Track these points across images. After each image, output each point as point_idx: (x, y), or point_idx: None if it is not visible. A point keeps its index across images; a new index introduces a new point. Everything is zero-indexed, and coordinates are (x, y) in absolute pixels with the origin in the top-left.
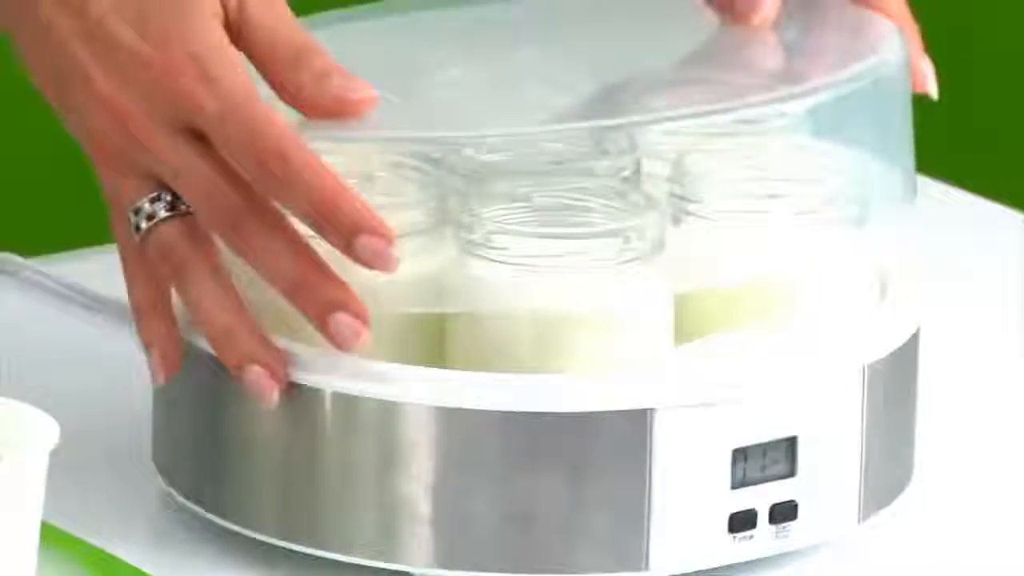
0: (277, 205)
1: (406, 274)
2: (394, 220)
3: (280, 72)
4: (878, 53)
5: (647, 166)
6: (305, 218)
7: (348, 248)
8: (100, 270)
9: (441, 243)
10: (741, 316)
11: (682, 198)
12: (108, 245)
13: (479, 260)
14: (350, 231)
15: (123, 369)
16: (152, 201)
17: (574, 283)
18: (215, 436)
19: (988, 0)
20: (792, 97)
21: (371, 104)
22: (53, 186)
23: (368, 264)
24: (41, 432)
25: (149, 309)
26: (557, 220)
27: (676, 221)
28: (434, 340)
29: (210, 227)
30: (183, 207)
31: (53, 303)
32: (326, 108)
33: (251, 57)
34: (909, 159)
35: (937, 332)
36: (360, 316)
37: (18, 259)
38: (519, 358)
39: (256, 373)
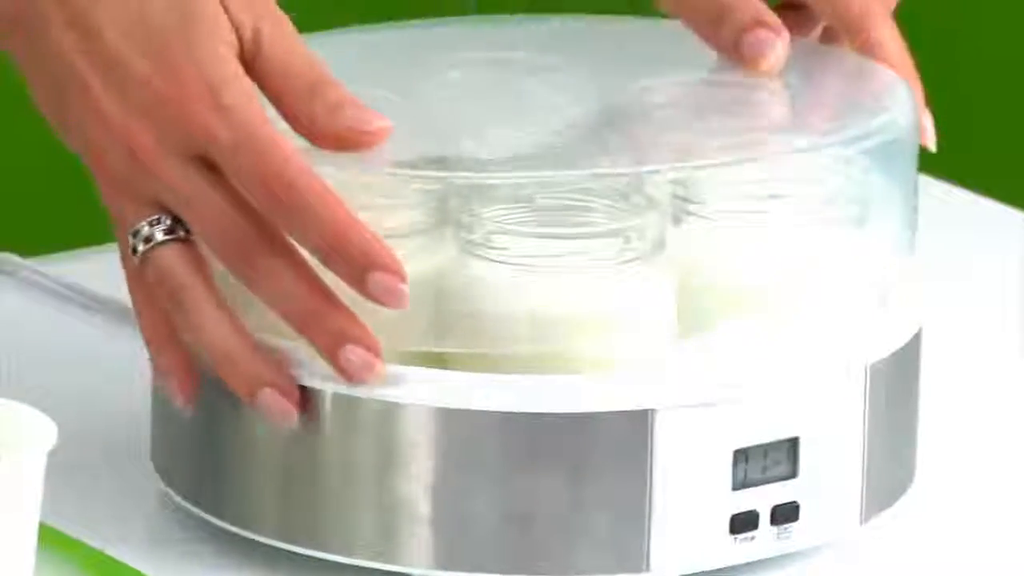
0: (288, 237)
1: (407, 274)
2: (394, 220)
3: (294, 103)
4: (888, 111)
5: (648, 164)
6: (315, 251)
7: (359, 283)
8: (99, 270)
9: (441, 243)
10: (742, 316)
11: (683, 198)
12: (108, 245)
13: (479, 260)
14: (362, 266)
15: (122, 369)
16: (151, 224)
17: (574, 283)
18: (214, 436)
19: (988, 0)
20: (798, 151)
21: (385, 135)
22: (53, 186)
23: (379, 300)
24: (39, 432)
25: (160, 338)
26: (557, 220)
27: (677, 221)
28: (434, 340)
29: (220, 257)
30: (181, 231)
31: (52, 303)
32: (340, 139)
33: (264, 87)
34: (914, 213)
35: (938, 331)
36: (372, 349)
37: (17, 259)
38: (519, 358)
39: (269, 395)
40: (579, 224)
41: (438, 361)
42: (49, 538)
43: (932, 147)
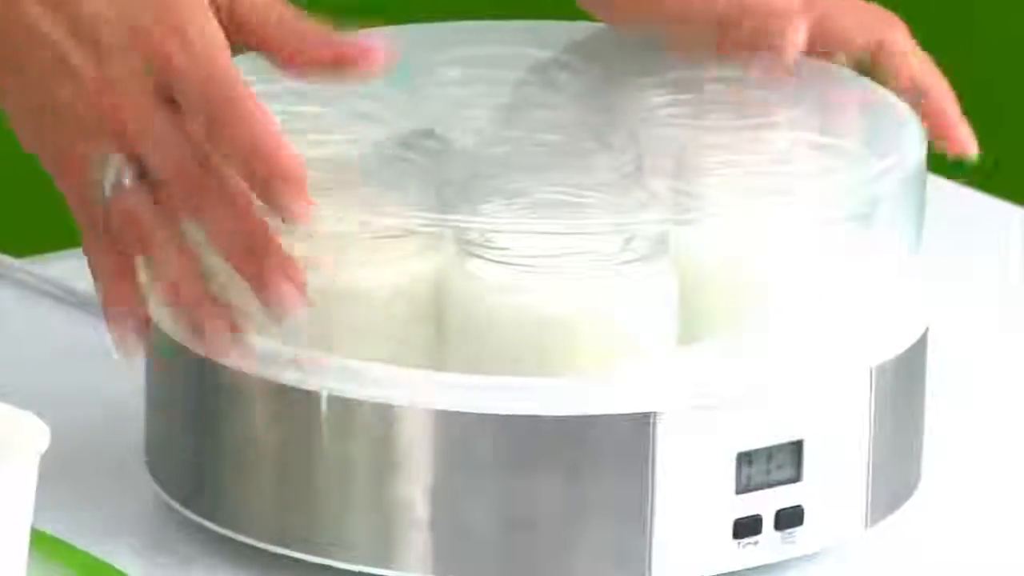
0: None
1: (406, 274)
2: (393, 220)
3: (282, 43)
4: (898, 152)
5: (648, 162)
6: (236, 166)
7: (264, 192)
8: None
9: (441, 243)
10: (745, 317)
11: (684, 195)
12: None
13: (479, 260)
14: (268, 175)
15: (116, 371)
16: (119, 170)
17: (575, 283)
18: (209, 439)
19: None
20: (800, 149)
21: (384, 58)
22: (45, 186)
23: (281, 211)
24: (31, 435)
25: (115, 275)
26: (557, 220)
27: (678, 221)
28: (432, 342)
29: (173, 193)
30: (150, 177)
31: (45, 304)
32: (338, 58)
33: (248, 35)
34: (920, 212)
35: (942, 331)
36: (298, 286)
37: (9, 259)
38: (519, 360)
39: (212, 329)
40: (579, 224)
41: (437, 362)
42: (41, 542)
43: (973, 154)
